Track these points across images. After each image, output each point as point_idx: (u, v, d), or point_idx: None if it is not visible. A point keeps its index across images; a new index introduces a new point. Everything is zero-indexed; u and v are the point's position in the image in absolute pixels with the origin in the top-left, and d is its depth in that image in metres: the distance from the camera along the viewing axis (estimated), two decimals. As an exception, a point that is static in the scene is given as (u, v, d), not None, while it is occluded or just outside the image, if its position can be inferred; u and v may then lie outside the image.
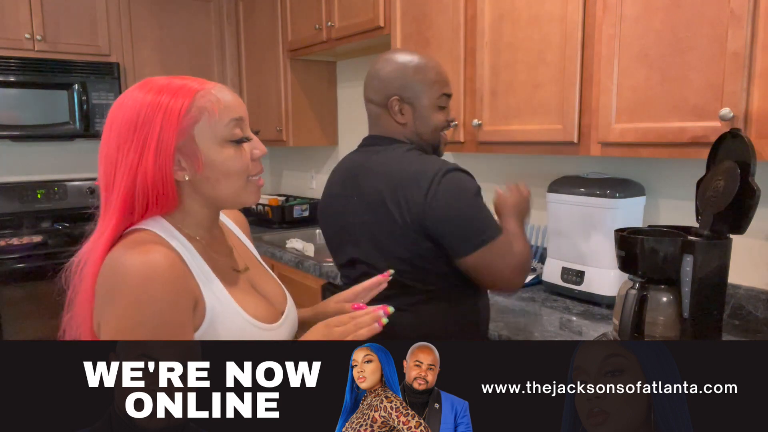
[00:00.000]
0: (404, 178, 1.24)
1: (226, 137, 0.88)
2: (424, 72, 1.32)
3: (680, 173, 1.66)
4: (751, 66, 1.19)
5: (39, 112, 2.82)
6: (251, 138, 0.92)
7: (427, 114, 1.33)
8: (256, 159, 0.92)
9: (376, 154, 1.33)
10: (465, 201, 1.22)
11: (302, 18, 2.77)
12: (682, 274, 1.17)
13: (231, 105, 0.89)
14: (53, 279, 1.00)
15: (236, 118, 0.89)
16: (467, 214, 1.22)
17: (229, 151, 0.88)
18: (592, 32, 1.51)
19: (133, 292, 0.80)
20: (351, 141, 3.13)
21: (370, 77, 1.36)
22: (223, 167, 0.88)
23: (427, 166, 1.25)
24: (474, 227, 1.22)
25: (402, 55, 1.35)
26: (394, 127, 1.34)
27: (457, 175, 1.24)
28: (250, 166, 0.91)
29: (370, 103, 1.37)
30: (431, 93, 1.32)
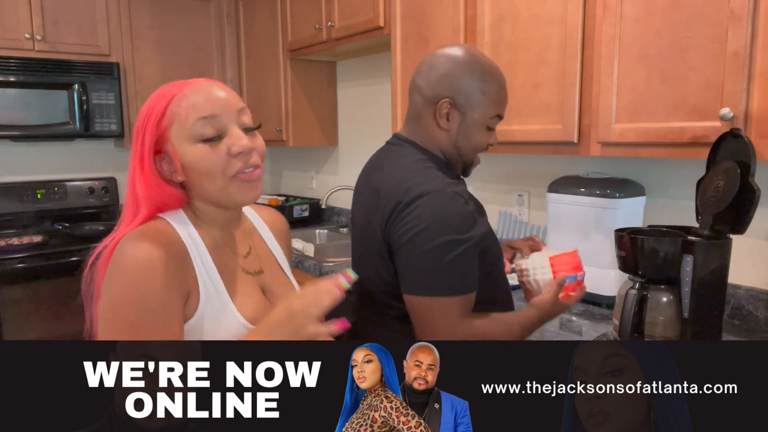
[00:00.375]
0: (392, 187, 1.15)
1: (195, 137, 0.88)
2: (489, 84, 1.16)
3: (680, 173, 1.66)
4: (751, 66, 1.19)
5: (39, 112, 2.82)
6: (229, 135, 0.89)
7: (474, 129, 1.17)
8: (235, 155, 0.89)
9: (389, 154, 1.24)
10: (434, 233, 1.06)
11: (302, 18, 2.77)
12: (682, 274, 1.17)
13: (199, 104, 0.89)
14: (53, 279, 1.01)
15: (204, 117, 0.88)
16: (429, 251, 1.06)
17: (200, 150, 0.88)
18: (592, 32, 1.51)
19: (126, 278, 0.83)
20: (351, 141, 3.13)
21: (429, 66, 1.18)
22: (197, 167, 0.89)
23: (422, 179, 1.12)
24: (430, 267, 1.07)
25: (473, 56, 1.17)
26: (433, 131, 1.18)
27: (444, 202, 1.08)
28: (228, 165, 0.89)
29: (418, 94, 1.19)
30: (487, 110, 1.17)
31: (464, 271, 1.08)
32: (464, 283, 1.08)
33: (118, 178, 3.38)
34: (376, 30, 2.29)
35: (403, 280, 1.10)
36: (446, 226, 1.06)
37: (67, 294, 2.72)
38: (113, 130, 3.01)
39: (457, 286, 1.07)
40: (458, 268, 1.07)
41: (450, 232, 1.06)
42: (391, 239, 1.11)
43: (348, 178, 3.15)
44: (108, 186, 3.28)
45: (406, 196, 1.09)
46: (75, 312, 2.81)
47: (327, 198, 2.84)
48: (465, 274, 1.08)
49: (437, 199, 1.07)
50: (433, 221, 1.06)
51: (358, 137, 3.07)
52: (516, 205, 2.17)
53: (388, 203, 1.13)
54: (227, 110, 0.90)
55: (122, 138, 3.11)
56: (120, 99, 3.01)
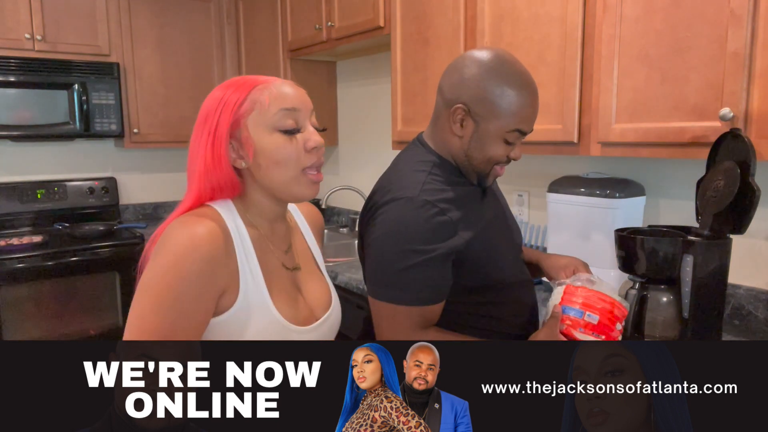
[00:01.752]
0: (379, 187, 1.15)
1: (276, 126, 0.91)
2: (512, 95, 1.07)
3: (680, 173, 1.66)
4: (751, 66, 1.19)
5: (39, 112, 2.82)
6: (305, 130, 0.93)
7: (488, 140, 1.10)
8: (310, 150, 0.92)
9: (400, 153, 1.23)
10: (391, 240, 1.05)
11: (302, 18, 2.77)
12: (682, 274, 1.17)
13: (284, 96, 0.92)
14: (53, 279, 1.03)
15: (287, 108, 0.91)
16: (383, 257, 1.06)
17: (278, 140, 0.91)
18: (592, 32, 1.51)
19: (169, 257, 0.85)
20: (351, 141, 3.13)
21: (455, 67, 1.12)
22: (272, 155, 0.91)
23: (403, 183, 1.10)
24: (386, 274, 1.05)
25: (502, 63, 1.09)
26: (447, 135, 1.13)
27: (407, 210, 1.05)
28: (302, 157, 0.92)
29: (440, 94, 1.14)
30: (503, 122, 1.08)
31: (419, 282, 1.04)
32: (417, 294, 1.05)
33: (118, 178, 3.38)
34: (376, 30, 2.29)
35: (365, 278, 1.14)
36: (405, 235, 1.04)
37: (67, 294, 2.72)
38: (113, 130, 3.01)
39: (405, 296, 1.04)
40: (411, 279, 1.04)
41: (408, 242, 1.03)
42: (363, 240, 1.13)
43: (348, 178, 3.15)
44: (108, 186, 3.28)
45: (381, 199, 1.10)
46: (75, 312, 2.83)
47: (327, 198, 2.84)
48: (420, 285, 1.04)
49: (405, 206, 1.05)
50: (393, 228, 1.05)
51: (358, 137, 3.07)
52: (516, 205, 2.17)
53: (368, 204, 1.15)
54: (306, 107, 0.94)
55: (122, 138, 3.11)
56: (120, 99, 3.01)
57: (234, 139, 0.92)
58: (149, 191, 3.49)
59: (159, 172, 3.50)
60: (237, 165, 0.93)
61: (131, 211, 3.45)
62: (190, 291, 0.85)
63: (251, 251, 0.94)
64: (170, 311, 0.84)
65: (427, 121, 1.22)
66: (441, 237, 1.05)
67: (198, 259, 0.85)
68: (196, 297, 0.85)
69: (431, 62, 2.01)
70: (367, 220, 1.13)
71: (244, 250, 0.93)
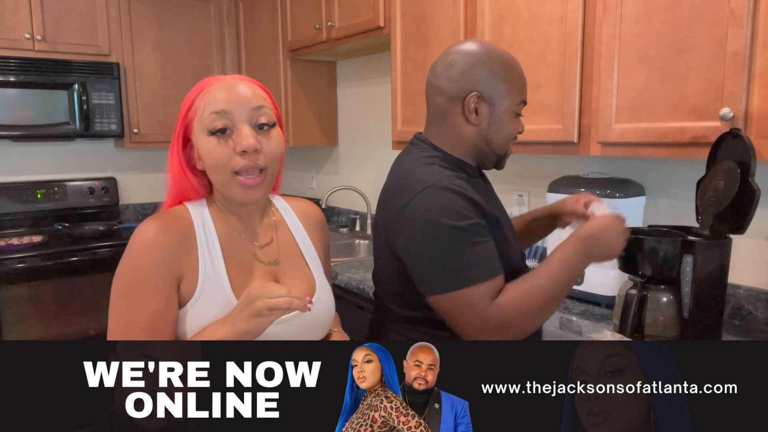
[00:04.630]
0: (392, 190, 1.13)
1: (207, 128, 0.93)
2: (512, 71, 1.14)
3: (680, 173, 1.66)
4: (751, 66, 1.19)
5: (39, 112, 2.82)
6: (237, 132, 0.93)
7: (504, 118, 1.14)
8: (239, 153, 0.92)
9: (401, 156, 1.21)
10: (434, 231, 1.03)
11: (302, 18, 2.77)
12: (682, 274, 1.18)
13: (218, 99, 0.93)
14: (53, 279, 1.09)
15: (216, 111, 0.92)
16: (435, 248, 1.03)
17: (210, 143, 0.93)
18: (592, 32, 1.51)
19: (127, 252, 0.92)
20: (351, 141, 3.13)
21: (447, 66, 1.14)
22: (206, 158, 0.95)
23: (419, 177, 1.09)
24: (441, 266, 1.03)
25: (488, 47, 1.15)
26: (462, 128, 1.14)
27: (435, 196, 1.04)
28: (232, 161, 0.93)
29: (441, 95, 1.15)
30: (513, 96, 1.14)
31: (480, 257, 1.04)
32: (486, 268, 1.04)
33: (118, 178, 3.38)
34: (376, 30, 2.29)
35: (419, 283, 1.07)
36: (445, 220, 1.03)
37: (67, 294, 2.72)
38: (113, 130, 3.01)
39: (477, 274, 1.03)
40: (472, 256, 1.03)
41: (451, 225, 1.03)
42: (396, 245, 1.10)
43: (348, 178, 3.14)
44: (108, 186, 3.28)
45: (402, 199, 1.08)
46: (75, 312, 2.82)
47: (327, 198, 2.84)
48: (482, 259, 1.04)
49: (431, 194, 1.05)
50: (431, 218, 1.04)
51: (358, 137, 3.07)
52: (516, 205, 2.17)
53: (389, 208, 1.12)
54: (241, 107, 0.93)
55: (122, 138, 3.11)
56: (120, 99, 3.01)
57: (190, 143, 0.97)
58: (149, 191, 3.50)
59: (159, 172, 3.50)
60: (199, 167, 0.98)
61: (131, 211, 3.45)
62: (145, 279, 0.90)
63: (215, 244, 0.97)
64: (128, 299, 0.91)
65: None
66: (475, 212, 1.06)
67: (148, 249, 0.91)
68: (150, 284, 0.90)
69: (431, 62, 2.00)
70: (393, 226, 1.10)
71: (207, 243, 0.96)
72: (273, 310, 0.86)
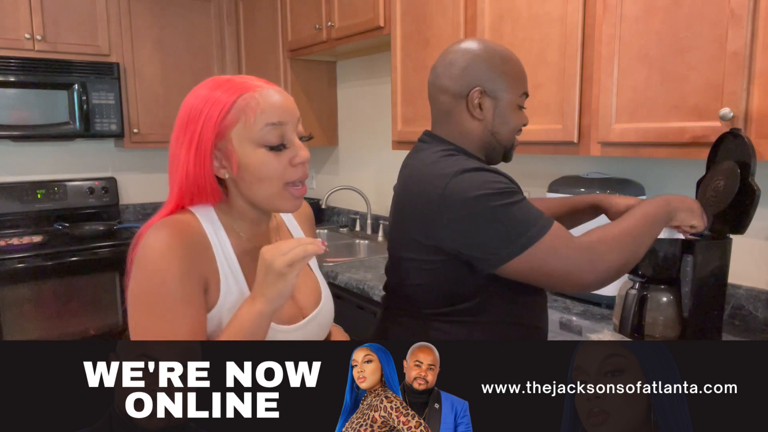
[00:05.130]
0: (419, 181, 1.12)
1: (261, 142, 0.88)
2: (511, 64, 1.17)
3: (680, 173, 1.66)
4: (751, 66, 1.19)
5: (39, 112, 2.82)
6: (291, 145, 0.90)
7: (508, 111, 1.17)
8: (296, 165, 0.90)
9: (414, 152, 1.21)
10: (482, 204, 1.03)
11: (302, 18, 2.77)
12: (682, 274, 1.18)
13: (270, 109, 0.88)
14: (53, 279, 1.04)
15: (272, 123, 0.88)
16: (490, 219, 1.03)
17: (262, 156, 0.89)
18: (592, 32, 1.51)
19: (147, 264, 0.85)
20: (351, 141, 3.13)
21: (447, 65, 1.17)
22: (256, 171, 0.89)
23: (446, 165, 1.09)
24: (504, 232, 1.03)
25: (485, 44, 1.18)
26: (468, 124, 1.17)
27: (469, 176, 1.06)
28: (286, 173, 0.90)
29: (444, 94, 1.17)
30: (515, 89, 1.17)
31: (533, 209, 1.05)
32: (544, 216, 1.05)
33: (118, 178, 3.38)
34: (376, 30, 2.29)
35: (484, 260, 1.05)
36: (487, 190, 1.04)
37: (67, 294, 2.72)
38: (113, 130, 3.01)
39: (540, 224, 1.03)
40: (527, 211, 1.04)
41: (494, 192, 1.04)
42: (438, 236, 1.08)
43: (348, 178, 3.15)
44: (108, 186, 3.28)
45: (435, 189, 1.07)
46: (75, 312, 2.82)
47: (327, 198, 2.84)
48: (537, 210, 1.05)
49: (463, 176, 1.06)
50: (475, 194, 1.03)
51: (358, 137, 3.07)
52: (516, 205, 2.16)
53: (419, 200, 1.10)
54: (293, 118, 0.91)
55: (122, 138, 3.11)
56: (120, 99, 3.01)
57: (218, 149, 0.90)
58: (149, 191, 3.50)
59: (159, 172, 3.50)
60: (219, 174, 0.92)
61: (131, 211, 3.45)
62: (176, 291, 0.85)
63: (231, 254, 0.93)
64: (166, 315, 0.85)
65: (427, 121, 1.23)
66: (511, 182, 1.09)
67: (176, 259, 0.85)
68: (183, 295, 0.86)
69: (431, 62, 1.99)
70: (432, 217, 1.08)
71: (224, 253, 0.93)
72: (293, 265, 0.84)
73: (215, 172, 0.91)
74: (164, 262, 0.85)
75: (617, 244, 1.05)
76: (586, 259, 1.03)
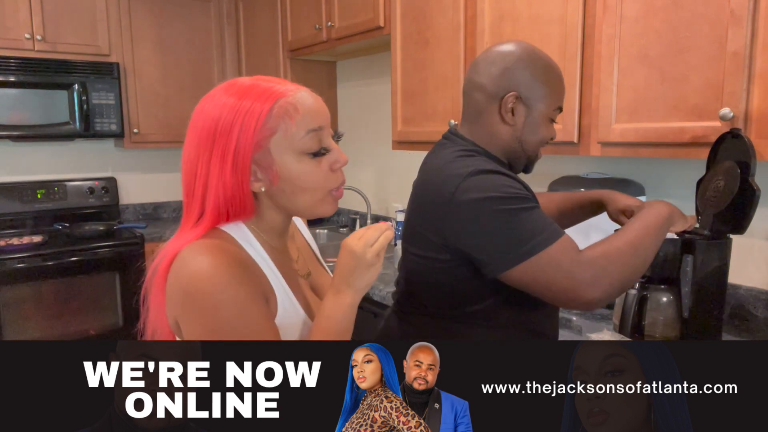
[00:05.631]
0: (435, 179, 1.11)
1: (303, 150, 0.83)
2: (552, 75, 1.16)
3: (680, 173, 1.66)
4: (751, 66, 1.19)
5: (39, 112, 2.82)
6: (331, 149, 0.86)
7: (539, 122, 1.15)
8: (336, 170, 0.87)
9: (435, 149, 1.20)
10: (492, 207, 1.02)
11: (302, 18, 2.77)
12: (682, 274, 1.18)
13: (309, 114, 0.84)
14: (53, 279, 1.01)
15: (314, 129, 0.83)
16: (498, 223, 1.02)
17: (306, 165, 0.84)
18: (592, 32, 1.51)
19: (208, 298, 0.79)
20: (351, 141, 3.13)
21: (489, 62, 1.15)
22: (299, 181, 0.84)
23: (463, 164, 1.08)
24: (509, 238, 1.01)
25: (532, 50, 1.16)
26: (497, 126, 1.15)
27: (483, 178, 1.05)
28: (329, 179, 0.86)
29: (479, 91, 1.15)
30: (551, 101, 1.16)
31: (543, 218, 1.03)
32: (553, 227, 1.03)
33: (118, 178, 3.38)
34: (376, 30, 2.29)
35: (488, 264, 1.04)
36: (500, 193, 1.03)
37: (67, 294, 2.72)
38: (113, 130, 3.01)
39: (547, 234, 1.01)
40: (536, 219, 1.02)
41: (507, 196, 1.03)
42: (447, 234, 1.07)
43: (348, 178, 3.14)
44: (108, 186, 3.28)
45: (449, 187, 1.06)
46: (75, 312, 2.83)
47: (327, 198, 2.84)
48: (546, 220, 1.03)
49: (478, 177, 1.05)
50: (488, 195, 1.02)
51: (358, 137, 3.07)
52: (516, 205, 2.16)
53: (434, 197, 1.09)
54: (327, 121, 0.86)
55: (122, 138, 3.11)
56: (120, 99, 3.02)
57: (253, 161, 0.83)
58: (149, 191, 3.50)
59: (159, 172, 3.50)
60: (254, 188, 0.85)
61: (131, 211, 3.45)
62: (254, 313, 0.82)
63: (274, 269, 0.89)
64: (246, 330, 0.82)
65: (427, 121, 1.23)
66: (523, 188, 1.08)
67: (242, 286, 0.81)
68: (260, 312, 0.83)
69: (431, 62, 2.01)
70: (443, 215, 1.07)
71: (268, 268, 0.89)
72: (380, 254, 0.84)
73: (253, 185, 0.85)
74: (227, 291, 0.79)
75: (620, 258, 1.02)
76: (590, 274, 1.00)
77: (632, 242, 1.04)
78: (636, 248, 1.03)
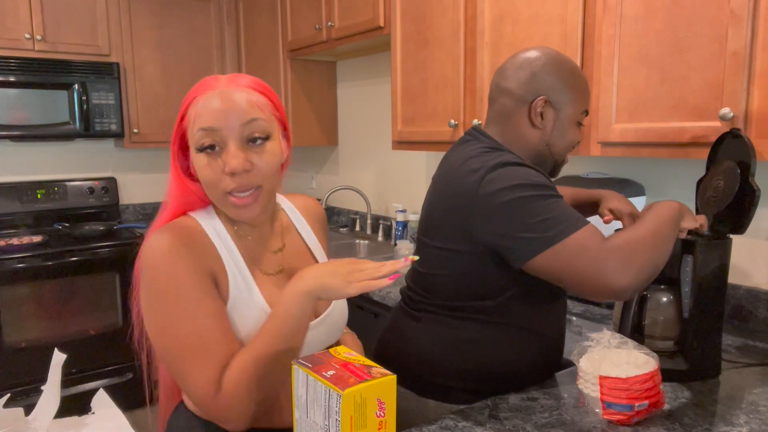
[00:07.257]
0: (458, 171, 1.11)
1: (195, 145, 0.89)
2: (579, 79, 1.17)
3: (680, 173, 1.66)
4: (751, 66, 1.19)
5: (39, 112, 2.82)
6: (224, 150, 0.87)
7: (567, 126, 1.17)
8: (229, 173, 0.87)
9: (459, 146, 1.20)
10: (518, 194, 1.02)
11: (302, 18, 2.77)
12: (682, 274, 1.17)
13: (206, 113, 0.87)
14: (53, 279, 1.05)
15: (204, 128, 0.87)
16: (524, 209, 1.01)
17: (201, 160, 0.89)
18: (592, 32, 1.51)
19: (153, 269, 0.85)
20: (351, 141, 3.13)
21: (516, 67, 1.17)
22: (198, 176, 0.91)
23: (488, 157, 1.09)
24: (536, 223, 1.01)
25: (558, 55, 1.17)
26: (525, 130, 1.16)
27: (509, 169, 1.05)
28: (222, 180, 0.88)
29: (507, 96, 1.17)
30: (578, 105, 1.17)
31: (567, 207, 1.03)
32: (576, 215, 1.02)
33: (118, 178, 3.38)
34: (376, 30, 2.29)
35: (515, 251, 1.03)
36: (524, 184, 1.03)
37: (67, 294, 2.72)
38: (113, 130, 3.01)
39: (572, 221, 1.01)
40: (559, 207, 1.02)
41: (531, 186, 1.03)
42: (474, 226, 1.07)
43: (348, 178, 3.15)
44: (108, 186, 3.28)
45: (473, 178, 1.06)
46: (75, 312, 2.83)
47: (327, 198, 2.84)
48: (570, 209, 1.03)
49: (502, 170, 1.05)
50: (512, 184, 1.03)
51: (358, 137, 3.07)
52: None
53: (457, 189, 1.09)
54: (229, 123, 0.86)
55: (122, 138, 3.11)
56: (120, 99, 3.02)
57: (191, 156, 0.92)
58: (149, 191, 3.50)
59: (159, 172, 3.50)
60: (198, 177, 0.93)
61: (131, 211, 3.45)
62: (190, 287, 0.85)
63: (235, 251, 0.93)
64: (188, 312, 0.84)
65: (427, 121, 1.23)
66: (548, 181, 1.08)
67: (180, 258, 0.85)
68: (198, 289, 0.86)
69: (431, 62, 2.01)
70: (470, 208, 1.07)
71: (228, 251, 0.93)
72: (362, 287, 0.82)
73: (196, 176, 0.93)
74: (170, 262, 0.85)
75: (645, 246, 1.00)
76: (618, 261, 0.97)
77: (653, 231, 1.02)
78: (657, 236, 1.02)
